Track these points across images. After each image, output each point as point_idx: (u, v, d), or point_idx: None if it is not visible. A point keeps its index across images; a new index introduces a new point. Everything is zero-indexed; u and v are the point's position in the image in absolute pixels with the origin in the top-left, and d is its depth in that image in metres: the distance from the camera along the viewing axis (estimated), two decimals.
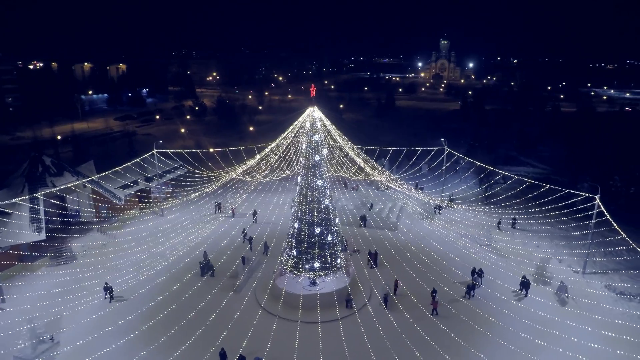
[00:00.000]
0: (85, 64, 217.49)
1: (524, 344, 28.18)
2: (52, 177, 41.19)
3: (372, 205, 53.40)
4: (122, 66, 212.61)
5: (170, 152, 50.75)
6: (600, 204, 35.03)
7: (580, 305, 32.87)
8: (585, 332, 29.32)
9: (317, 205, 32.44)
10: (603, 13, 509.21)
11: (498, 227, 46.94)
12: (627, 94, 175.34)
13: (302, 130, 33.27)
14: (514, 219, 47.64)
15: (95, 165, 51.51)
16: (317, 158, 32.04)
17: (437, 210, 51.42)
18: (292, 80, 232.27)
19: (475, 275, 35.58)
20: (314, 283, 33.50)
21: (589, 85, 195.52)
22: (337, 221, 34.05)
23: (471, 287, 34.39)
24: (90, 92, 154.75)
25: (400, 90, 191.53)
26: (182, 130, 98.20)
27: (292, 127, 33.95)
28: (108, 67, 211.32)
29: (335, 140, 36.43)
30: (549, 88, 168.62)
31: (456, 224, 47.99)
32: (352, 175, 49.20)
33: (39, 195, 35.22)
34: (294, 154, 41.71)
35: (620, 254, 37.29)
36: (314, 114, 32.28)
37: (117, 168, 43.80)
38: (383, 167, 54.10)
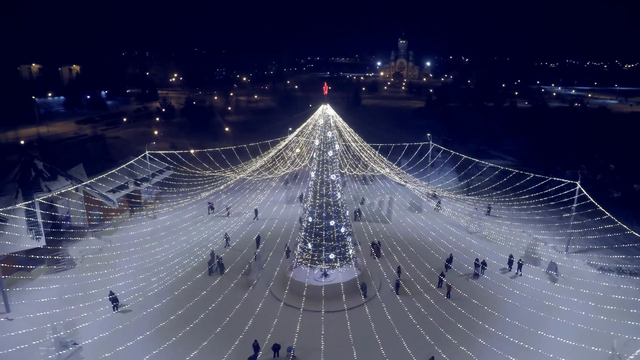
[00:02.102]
0: (33, 64, 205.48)
1: (529, 316, 31.27)
2: (46, 182, 39.83)
3: (363, 200, 55.24)
4: (76, 67, 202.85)
5: (163, 153, 50.13)
6: (582, 189, 38.67)
7: (569, 281, 36.35)
8: (577, 302, 32.89)
9: (331, 199, 33.73)
10: (544, 15, 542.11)
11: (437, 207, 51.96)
12: (573, 91, 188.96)
13: (315, 127, 34.44)
14: (489, 206, 51.38)
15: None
16: (330, 153, 33.32)
17: (438, 207, 53.75)
18: (255, 81, 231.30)
19: (480, 267, 37.62)
20: (326, 274, 34.76)
21: (537, 82, 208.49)
22: (347, 214, 35.51)
23: (443, 273, 36.75)
24: (49, 95, 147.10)
25: (364, 89, 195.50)
26: (156, 132, 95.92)
27: (305, 124, 35.03)
28: (60, 69, 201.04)
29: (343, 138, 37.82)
30: (503, 85, 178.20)
31: (445, 214, 50.75)
32: (351, 171, 50.76)
33: (41, 200, 34.12)
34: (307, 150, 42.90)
35: (593, 233, 41.37)
36: (327, 111, 33.50)
37: (114, 170, 42.97)
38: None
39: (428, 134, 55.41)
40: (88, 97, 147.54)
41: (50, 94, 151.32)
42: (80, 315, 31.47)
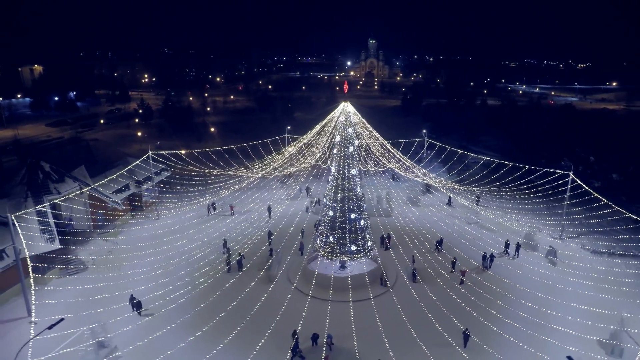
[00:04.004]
0: None
1: (540, 292, 34.51)
2: (54, 184, 38.96)
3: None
4: (38, 67, 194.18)
5: (167, 153, 49.80)
6: (576, 178, 41.80)
7: (566, 263, 39.47)
8: (576, 281, 36.20)
9: (351, 193, 35.02)
10: (500, 17, 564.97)
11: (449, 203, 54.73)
12: (537, 89, 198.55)
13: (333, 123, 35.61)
14: (478, 197, 54.28)
15: None
16: (351, 149, 34.58)
17: (449, 203, 55.51)
18: (227, 81, 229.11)
19: (488, 260, 39.33)
20: (343, 266, 36.01)
21: (502, 81, 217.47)
22: (365, 207, 36.89)
23: (453, 263, 38.73)
24: (19, 96, 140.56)
25: (337, 88, 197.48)
26: (139, 133, 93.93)
27: (326, 120, 36.15)
28: (20, 69, 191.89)
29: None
30: (472, 84, 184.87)
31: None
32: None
33: (58, 201, 33.55)
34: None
35: (585, 219, 44.74)
36: (347, 108, 34.75)
37: (123, 171, 42.51)
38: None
39: (424, 130, 57.69)
40: (56, 98, 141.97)
41: (19, 95, 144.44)
42: (103, 318, 31.15)
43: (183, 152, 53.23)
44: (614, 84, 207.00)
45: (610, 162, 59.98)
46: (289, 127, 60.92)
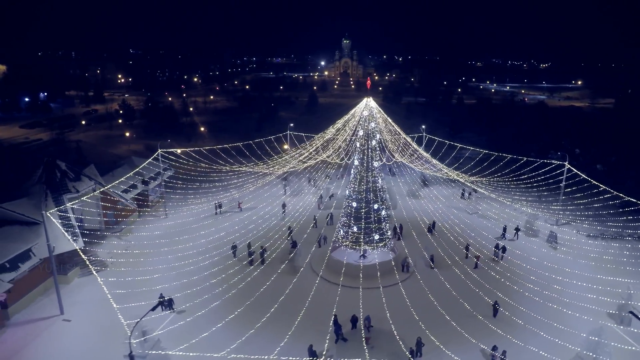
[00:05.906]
0: None
1: (545, 272, 37.37)
2: (73, 183, 38.56)
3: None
4: (1, 67, 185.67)
5: (179, 151, 49.81)
6: (572, 168, 44.98)
7: (565, 246, 42.70)
8: (574, 261, 39.63)
9: (373, 185, 36.58)
10: (465, 18, 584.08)
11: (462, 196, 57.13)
12: (507, 87, 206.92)
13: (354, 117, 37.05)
14: (475, 189, 57.07)
15: None
16: (373, 143, 36.13)
17: (462, 196, 57.82)
18: (203, 81, 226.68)
19: (500, 252, 41.14)
20: (364, 255, 37.53)
21: (473, 80, 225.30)
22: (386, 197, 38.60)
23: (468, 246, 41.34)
24: None
25: (315, 88, 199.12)
26: (127, 134, 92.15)
27: (349, 114, 37.53)
28: None
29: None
30: (445, 83, 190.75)
31: (441, 198, 55.50)
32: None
33: (86, 198, 33.44)
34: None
35: (579, 205, 48.16)
36: (370, 103, 36.27)
37: (139, 168, 42.45)
38: None
39: (422, 126, 59.99)
40: (27, 99, 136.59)
41: None
42: (138, 313, 30.98)
43: (182, 149, 53.17)
44: (579, 82, 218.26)
45: (593, 154, 64.42)
46: (291, 125, 61.91)
